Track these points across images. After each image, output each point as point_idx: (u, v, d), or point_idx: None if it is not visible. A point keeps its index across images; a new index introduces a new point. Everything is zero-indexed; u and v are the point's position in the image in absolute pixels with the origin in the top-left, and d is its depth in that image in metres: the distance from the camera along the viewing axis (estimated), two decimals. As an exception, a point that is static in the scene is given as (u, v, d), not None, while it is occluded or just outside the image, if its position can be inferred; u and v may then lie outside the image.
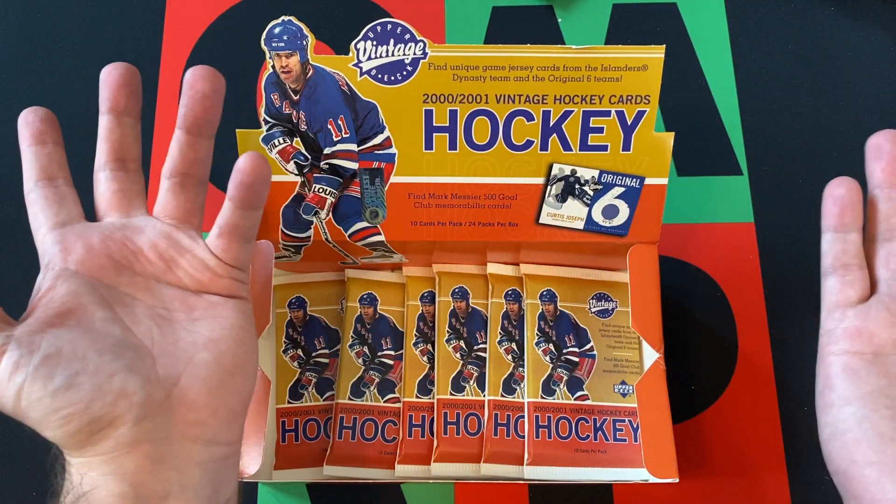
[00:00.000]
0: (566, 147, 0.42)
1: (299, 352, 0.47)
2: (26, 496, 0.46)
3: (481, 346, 0.47)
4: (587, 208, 0.43)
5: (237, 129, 0.41)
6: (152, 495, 0.31)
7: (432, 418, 0.45)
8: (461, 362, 0.47)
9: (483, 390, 0.46)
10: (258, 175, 0.34)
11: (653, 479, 0.40)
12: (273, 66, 0.40)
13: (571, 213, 0.43)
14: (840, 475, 0.34)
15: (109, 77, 0.35)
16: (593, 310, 0.48)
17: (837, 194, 0.36)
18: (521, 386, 0.46)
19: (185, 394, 0.32)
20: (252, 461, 0.40)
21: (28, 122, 0.35)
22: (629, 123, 0.41)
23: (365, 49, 0.40)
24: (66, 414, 0.29)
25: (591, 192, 0.43)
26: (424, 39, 0.40)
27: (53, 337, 0.30)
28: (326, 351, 0.48)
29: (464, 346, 0.47)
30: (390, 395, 0.46)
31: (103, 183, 0.35)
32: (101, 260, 0.33)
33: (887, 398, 0.34)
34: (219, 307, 0.35)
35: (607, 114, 0.41)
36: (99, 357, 0.30)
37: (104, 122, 0.35)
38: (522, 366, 0.46)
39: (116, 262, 0.33)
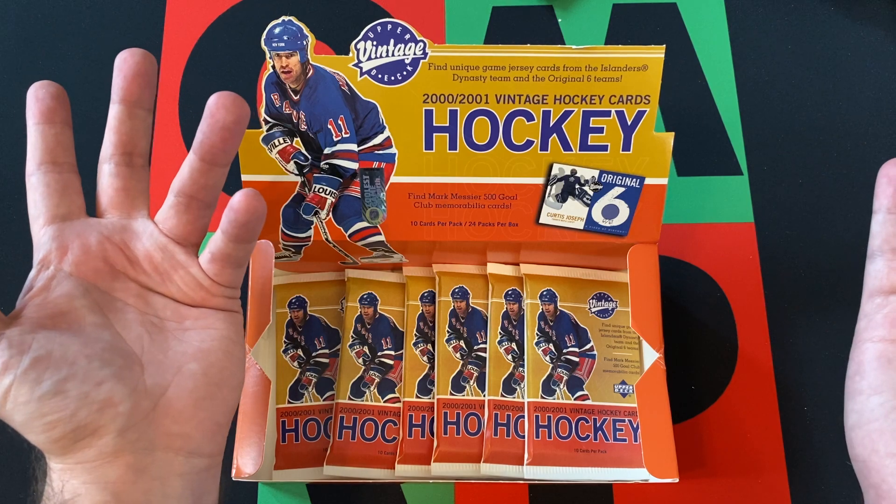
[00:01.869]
0: (566, 147, 0.42)
1: (299, 352, 0.47)
2: (27, 496, 0.46)
3: (481, 346, 0.47)
4: (587, 208, 0.43)
5: (237, 129, 0.41)
6: None
7: (432, 418, 0.45)
8: (461, 362, 0.47)
9: (483, 390, 0.46)
10: (253, 214, 0.33)
11: (653, 479, 0.40)
12: (273, 66, 0.40)
13: (571, 213, 0.43)
14: (860, 463, 0.34)
15: (125, 65, 0.33)
16: (593, 310, 0.48)
17: (893, 174, 0.34)
18: (521, 386, 0.46)
19: (171, 405, 0.32)
20: (252, 461, 0.40)
21: (37, 98, 0.33)
22: (629, 123, 0.41)
23: (365, 49, 0.40)
24: (51, 420, 0.29)
25: (591, 192, 0.43)
26: (424, 39, 0.40)
27: (44, 338, 0.29)
28: (326, 351, 0.48)
29: (464, 346, 0.47)
30: (390, 395, 0.46)
31: (107, 177, 0.34)
32: (96, 263, 0.33)
33: None
34: (210, 318, 0.34)
35: (607, 114, 0.41)
36: (88, 363, 0.30)
37: (115, 112, 0.34)
38: (522, 366, 0.47)
39: (111, 267, 0.33)
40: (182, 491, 0.32)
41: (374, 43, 0.40)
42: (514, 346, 0.47)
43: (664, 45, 0.40)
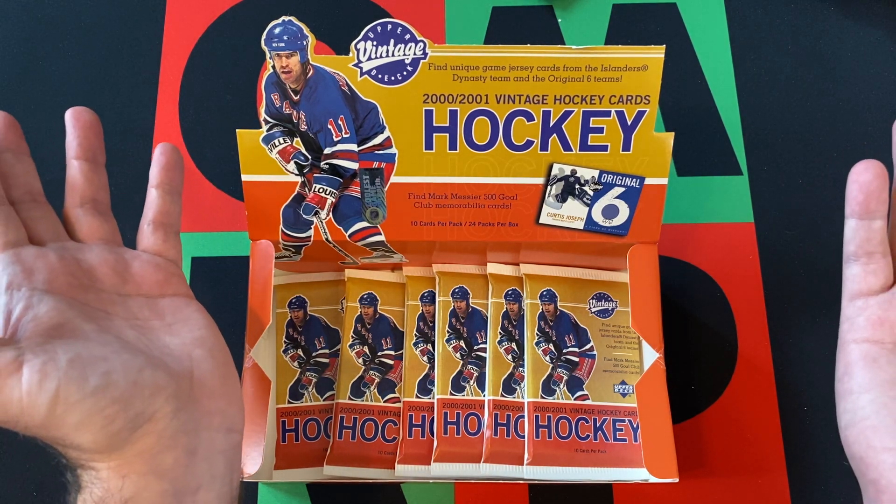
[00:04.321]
0: (566, 147, 0.42)
1: (299, 352, 0.47)
2: (27, 496, 0.46)
3: (481, 345, 0.47)
4: (587, 208, 0.43)
5: (237, 129, 0.41)
6: (187, 489, 0.31)
7: (432, 418, 0.45)
8: (461, 362, 0.47)
9: (483, 390, 0.46)
10: (175, 154, 0.37)
11: (653, 479, 0.40)
12: (273, 67, 0.40)
13: (571, 213, 0.43)
14: (857, 460, 0.34)
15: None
16: (593, 310, 0.48)
17: (863, 180, 0.34)
18: (521, 386, 0.46)
19: (203, 384, 0.33)
20: (252, 461, 0.40)
21: None
22: (629, 123, 0.41)
23: (365, 49, 0.40)
24: (110, 412, 0.29)
25: (591, 192, 0.43)
26: (424, 39, 0.40)
27: (63, 345, 0.29)
28: (326, 351, 0.48)
29: (464, 345, 0.47)
30: (390, 395, 0.46)
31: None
32: (66, 278, 0.32)
33: None
34: (185, 310, 0.35)
35: (607, 114, 0.41)
36: (118, 356, 0.30)
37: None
38: (522, 366, 0.47)
39: (80, 281, 0.32)
40: (224, 470, 0.33)
41: (374, 43, 0.40)
42: (514, 346, 0.47)
43: (664, 46, 0.39)
